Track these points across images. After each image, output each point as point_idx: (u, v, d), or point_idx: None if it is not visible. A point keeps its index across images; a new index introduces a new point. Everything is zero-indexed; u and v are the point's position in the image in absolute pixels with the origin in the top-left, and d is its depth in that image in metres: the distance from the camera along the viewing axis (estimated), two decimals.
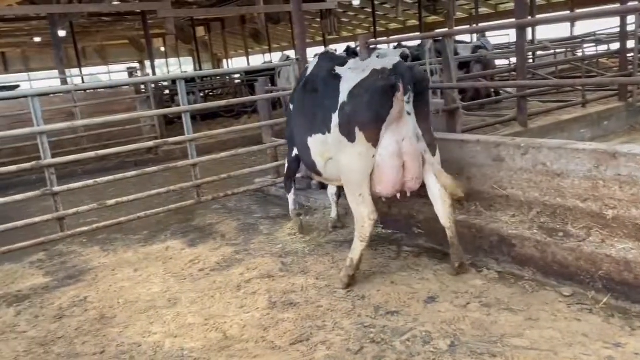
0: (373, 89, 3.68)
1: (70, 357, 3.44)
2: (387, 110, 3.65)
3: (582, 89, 7.51)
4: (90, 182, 5.09)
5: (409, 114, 3.60)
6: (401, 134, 3.70)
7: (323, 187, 6.67)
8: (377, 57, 4.08)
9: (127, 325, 3.78)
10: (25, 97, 4.76)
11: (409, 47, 10.77)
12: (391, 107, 3.64)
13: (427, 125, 3.81)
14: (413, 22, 26.01)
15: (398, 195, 3.97)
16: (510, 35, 16.72)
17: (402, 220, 4.93)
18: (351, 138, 3.79)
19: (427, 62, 5.45)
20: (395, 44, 11.78)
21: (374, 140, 3.72)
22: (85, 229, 5.15)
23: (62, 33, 21.40)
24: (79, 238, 5.74)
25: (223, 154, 6.20)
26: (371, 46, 5.38)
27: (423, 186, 4.03)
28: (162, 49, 36.22)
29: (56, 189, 4.87)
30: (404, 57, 14.23)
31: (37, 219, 4.89)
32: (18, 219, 4.89)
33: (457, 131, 5.85)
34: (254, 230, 5.62)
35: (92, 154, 5.08)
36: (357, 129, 3.74)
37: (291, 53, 21.76)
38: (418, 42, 10.37)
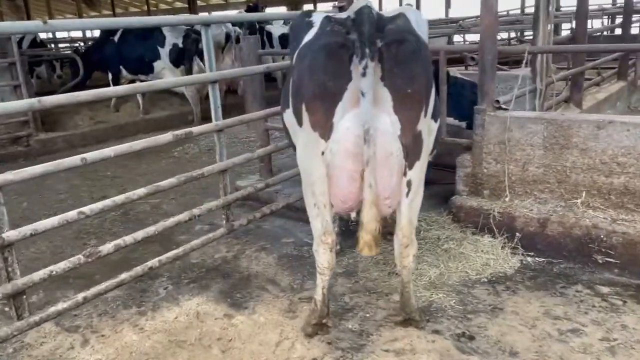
0: (318, 49, 2.35)
1: None
2: (341, 84, 2.28)
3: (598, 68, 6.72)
4: None
5: (363, 95, 2.18)
6: (362, 124, 2.24)
7: None
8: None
9: None
10: None
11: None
12: (348, 79, 2.28)
13: (410, 118, 2.34)
14: None
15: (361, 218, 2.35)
16: None
17: (570, 245, 3.42)
18: (299, 120, 2.49)
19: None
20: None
21: (322, 129, 2.34)
22: None
23: None
24: None
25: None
26: None
27: None
28: None
29: None
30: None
31: None
32: None
33: None
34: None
35: None
36: (303, 108, 2.41)
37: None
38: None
